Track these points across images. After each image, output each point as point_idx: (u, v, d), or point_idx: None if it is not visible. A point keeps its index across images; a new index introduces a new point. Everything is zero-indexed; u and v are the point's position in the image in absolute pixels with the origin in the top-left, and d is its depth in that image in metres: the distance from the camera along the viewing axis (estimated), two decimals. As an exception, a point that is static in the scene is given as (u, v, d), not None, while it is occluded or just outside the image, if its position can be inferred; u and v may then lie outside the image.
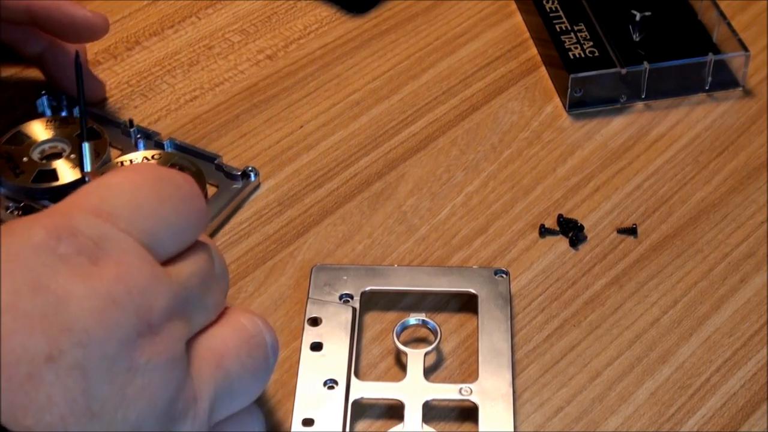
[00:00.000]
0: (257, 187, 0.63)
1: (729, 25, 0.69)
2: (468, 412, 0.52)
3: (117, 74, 0.70)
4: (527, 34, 0.73)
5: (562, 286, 0.58)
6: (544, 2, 0.72)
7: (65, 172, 0.60)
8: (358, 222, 0.61)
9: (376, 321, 0.57)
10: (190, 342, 0.41)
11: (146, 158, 0.62)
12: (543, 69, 0.70)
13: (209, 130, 0.67)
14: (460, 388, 0.52)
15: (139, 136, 0.64)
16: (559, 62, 0.68)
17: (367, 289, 0.56)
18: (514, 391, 0.52)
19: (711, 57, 0.67)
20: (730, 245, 0.60)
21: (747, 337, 0.55)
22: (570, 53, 0.68)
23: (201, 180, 0.61)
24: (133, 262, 0.38)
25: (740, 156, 0.65)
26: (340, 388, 0.52)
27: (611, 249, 0.60)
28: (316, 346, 0.54)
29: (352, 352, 0.54)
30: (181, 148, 0.64)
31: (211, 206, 0.60)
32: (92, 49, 0.72)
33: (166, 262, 0.40)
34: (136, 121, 0.65)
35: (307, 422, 0.51)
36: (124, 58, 0.72)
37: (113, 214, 0.39)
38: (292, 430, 0.51)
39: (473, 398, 0.51)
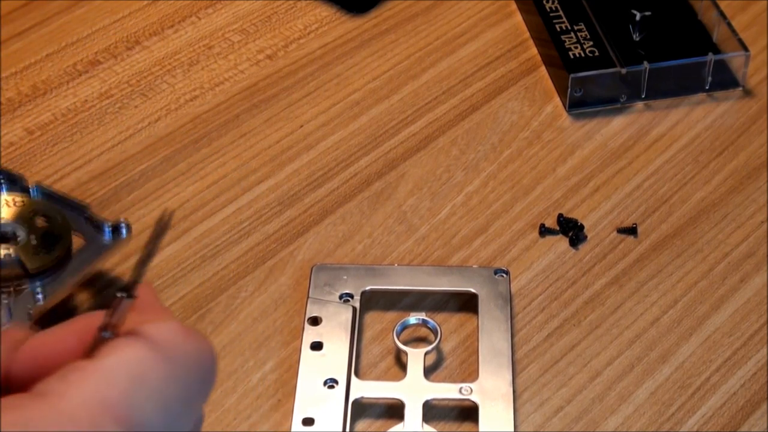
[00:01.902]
0: (128, 242, 0.56)
1: (729, 25, 0.69)
2: (468, 412, 0.52)
3: (117, 74, 0.70)
4: (527, 34, 0.73)
5: (562, 286, 0.58)
6: (544, 2, 0.72)
7: None
8: (358, 222, 0.61)
9: (376, 320, 0.56)
10: None
11: (7, 202, 0.57)
12: (543, 69, 0.70)
13: (209, 130, 0.67)
14: (460, 388, 0.52)
15: (1, 178, 0.58)
16: (559, 62, 0.68)
17: (367, 288, 0.56)
18: (514, 391, 0.52)
19: (711, 57, 0.67)
20: (730, 245, 0.60)
21: (747, 336, 0.55)
22: (570, 53, 0.68)
23: (66, 231, 0.56)
24: None
25: (740, 156, 0.65)
26: (340, 388, 0.52)
27: (611, 249, 0.60)
28: (316, 346, 0.54)
29: (352, 352, 0.54)
30: (49, 196, 0.58)
31: (75, 262, 0.55)
32: (92, 49, 0.72)
33: None
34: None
35: (308, 422, 0.51)
36: (124, 58, 0.71)
37: (139, 424, 0.33)
38: (293, 429, 0.51)
39: (473, 398, 0.51)
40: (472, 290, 0.56)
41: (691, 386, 0.53)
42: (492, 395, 0.51)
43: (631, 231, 0.60)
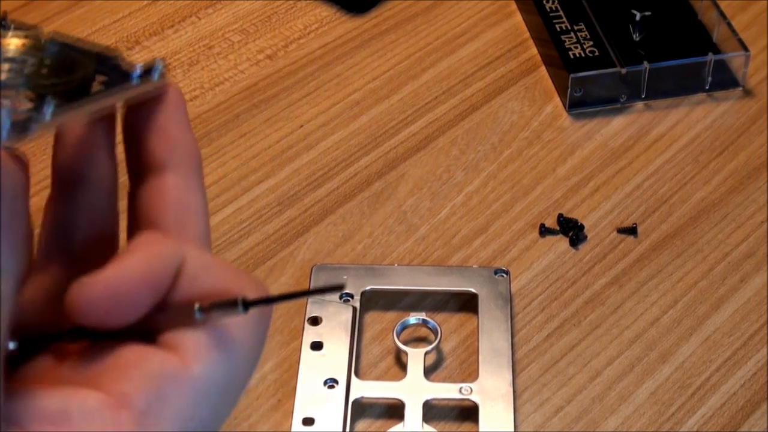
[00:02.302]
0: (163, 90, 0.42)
1: (729, 25, 0.69)
2: (468, 412, 0.52)
3: (117, 74, 0.70)
4: (527, 34, 0.73)
5: (562, 286, 0.58)
6: (544, 2, 0.72)
7: None
8: (358, 222, 0.61)
9: (376, 320, 0.56)
10: None
11: (17, 35, 0.45)
12: (543, 69, 0.70)
13: (209, 130, 0.67)
14: (461, 388, 0.52)
15: (10, 23, 0.48)
16: (559, 62, 0.68)
17: (368, 288, 0.56)
18: (514, 391, 0.52)
19: (711, 57, 0.67)
20: (730, 245, 0.60)
21: (747, 336, 0.55)
22: (570, 53, 0.68)
23: (82, 63, 0.45)
24: None
25: (740, 156, 0.65)
26: (341, 388, 0.52)
27: (611, 249, 0.60)
28: (317, 346, 0.54)
29: (352, 352, 0.54)
30: (67, 45, 0.46)
31: (92, 96, 0.43)
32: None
33: None
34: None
35: (308, 421, 0.51)
36: (124, 58, 0.71)
37: None
38: (293, 429, 0.51)
39: (473, 398, 0.51)
40: (472, 290, 0.56)
41: (691, 386, 0.53)
42: (492, 395, 0.51)
43: (631, 231, 0.60)
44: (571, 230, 0.60)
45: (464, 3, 0.75)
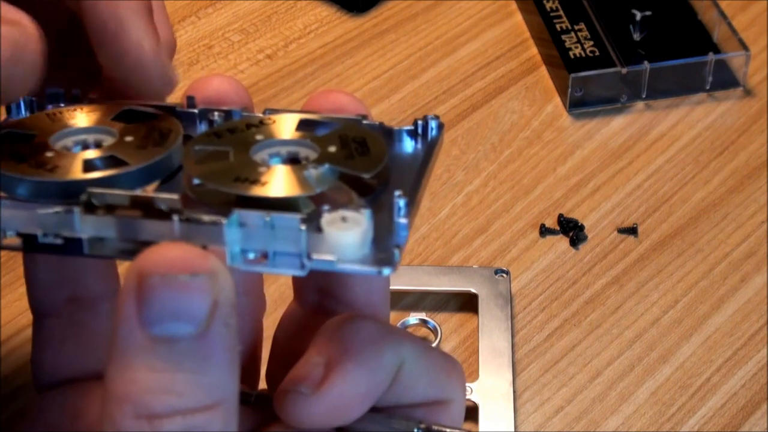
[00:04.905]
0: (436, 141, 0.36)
1: (729, 24, 0.69)
2: (468, 412, 0.52)
3: (117, 74, 0.70)
4: (527, 34, 0.73)
5: (562, 286, 0.58)
6: (545, 2, 0.72)
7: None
8: (358, 221, 0.61)
9: (376, 320, 0.56)
10: None
11: (263, 120, 0.36)
12: (543, 68, 0.70)
13: (209, 130, 0.67)
14: (461, 388, 0.52)
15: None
16: (560, 62, 0.68)
17: (368, 288, 0.56)
18: (514, 391, 0.52)
19: (711, 57, 0.67)
20: (731, 245, 0.60)
21: (747, 336, 0.55)
22: (570, 53, 0.68)
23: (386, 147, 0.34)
24: None
25: (740, 156, 0.65)
26: (341, 388, 0.52)
27: (611, 249, 0.60)
28: (316, 346, 0.54)
29: (352, 352, 0.53)
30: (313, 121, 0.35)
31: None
32: (92, 49, 0.72)
33: None
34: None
35: (307, 422, 0.51)
36: (124, 58, 0.71)
37: None
38: (292, 429, 0.51)
39: (473, 398, 0.51)
40: (472, 290, 0.56)
41: (691, 386, 0.53)
42: (492, 395, 0.51)
43: (632, 231, 0.60)
44: (572, 230, 0.60)
45: (464, 3, 0.75)
